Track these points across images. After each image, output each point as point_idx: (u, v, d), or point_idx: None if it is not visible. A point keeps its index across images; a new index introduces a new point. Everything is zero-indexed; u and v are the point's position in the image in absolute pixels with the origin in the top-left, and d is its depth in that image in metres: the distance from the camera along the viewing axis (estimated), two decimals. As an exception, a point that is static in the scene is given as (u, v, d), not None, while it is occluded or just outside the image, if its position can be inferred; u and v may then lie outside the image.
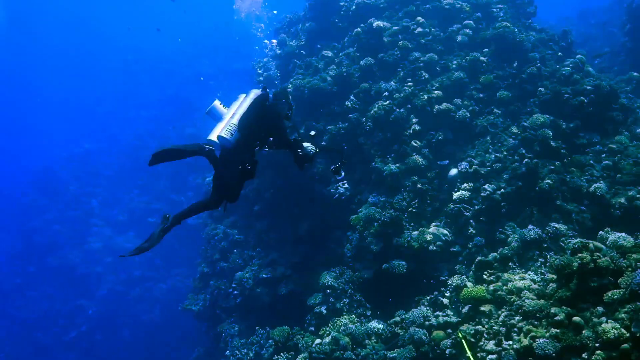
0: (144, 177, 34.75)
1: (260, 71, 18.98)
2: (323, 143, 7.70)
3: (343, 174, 7.37)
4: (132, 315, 28.30)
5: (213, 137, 6.28)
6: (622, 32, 20.57)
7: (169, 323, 26.80)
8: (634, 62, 19.11)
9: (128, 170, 35.92)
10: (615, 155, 12.02)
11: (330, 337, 10.88)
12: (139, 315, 28.41)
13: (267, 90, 6.93)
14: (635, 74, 15.91)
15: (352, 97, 14.81)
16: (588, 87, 12.89)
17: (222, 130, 6.24)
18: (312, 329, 12.27)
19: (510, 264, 10.12)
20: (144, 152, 36.56)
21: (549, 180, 11.22)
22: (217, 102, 6.64)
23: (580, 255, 7.75)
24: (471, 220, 11.77)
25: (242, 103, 6.59)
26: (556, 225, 10.43)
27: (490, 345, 8.33)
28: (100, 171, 37.34)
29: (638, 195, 10.92)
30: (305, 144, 7.06)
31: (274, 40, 19.51)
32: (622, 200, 10.90)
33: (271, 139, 6.77)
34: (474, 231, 11.65)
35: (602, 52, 21.34)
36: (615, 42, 22.38)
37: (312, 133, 7.34)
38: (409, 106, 13.67)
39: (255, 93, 6.74)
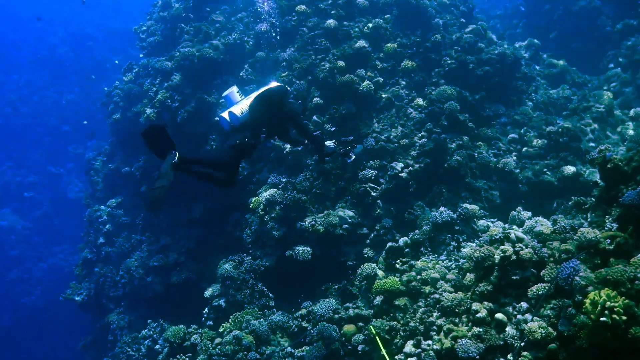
0: (18, 148, 31.68)
1: (143, 36, 17.09)
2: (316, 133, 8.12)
3: (353, 156, 8.71)
4: (10, 299, 26.52)
5: (225, 114, 6.84)
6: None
7: (52, 306, 24.96)
8: (528, 26, 19.12)
9: (-1, 140, 32.58)
10: (521, 128, 11.82)
11: (231, 335, 9.89)
12: (19, 299, 26.62)
13: (289, 88, 7.83)
14: (534, 40, 15.77)
15: (247, 67, 13.58)
16: (492, 57, 12.53)
17: (234, 107, 6.81)
18: (211, 323, 11.27)
19: (422, 249, 9.50)
20: (16, 120, 33.46)
21: (457, 157, 10.75)
22: (234, 89, 7.21)
23: (502, 247, 7.20)
24: (378, 201, 11.09)
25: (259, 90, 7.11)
26: (467, 205, 9.92)
27: (408, 345, 7.69)
28: (-35, 142, 33.57)
29: (544, 169, 10.80)
30: (327, 142, 8.24)
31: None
32: (529, 174, 10.74)
33: (293, 130, 7.83)
34: (381, 212, 11.01)
35: None
36: (508, 5, 22.36)
37: (332, 129, 9.13)
38: (310, 78, 12.59)
39: (274, 84, 7.28)
